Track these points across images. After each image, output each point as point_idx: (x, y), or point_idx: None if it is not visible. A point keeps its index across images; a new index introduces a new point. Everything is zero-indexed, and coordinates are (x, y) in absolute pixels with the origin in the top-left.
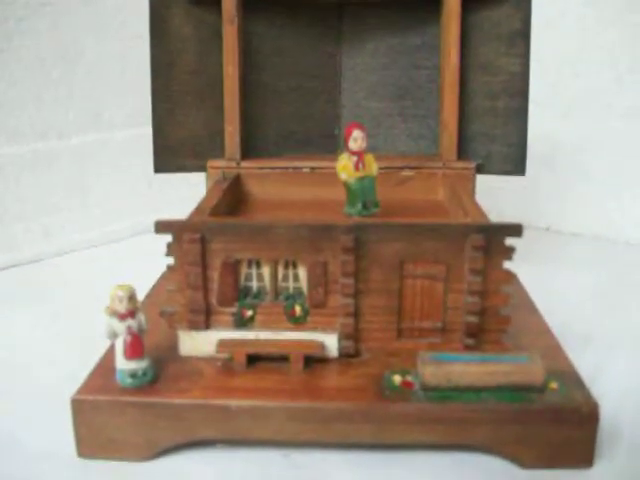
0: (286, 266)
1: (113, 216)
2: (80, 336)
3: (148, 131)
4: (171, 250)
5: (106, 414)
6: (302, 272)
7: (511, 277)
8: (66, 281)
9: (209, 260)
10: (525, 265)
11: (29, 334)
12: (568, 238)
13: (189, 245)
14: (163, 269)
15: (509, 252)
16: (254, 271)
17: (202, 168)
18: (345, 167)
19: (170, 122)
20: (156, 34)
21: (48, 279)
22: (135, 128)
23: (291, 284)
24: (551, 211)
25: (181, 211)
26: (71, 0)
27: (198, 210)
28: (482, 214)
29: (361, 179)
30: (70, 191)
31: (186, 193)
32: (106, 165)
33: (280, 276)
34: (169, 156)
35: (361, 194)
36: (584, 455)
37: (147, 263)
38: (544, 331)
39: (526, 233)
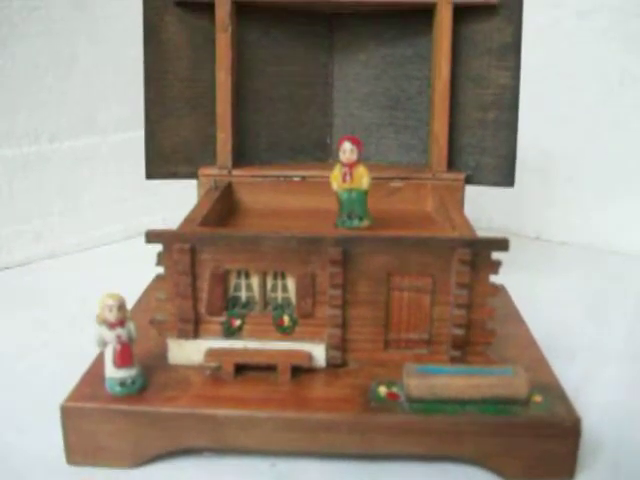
0: (275, 277)
1: (105, 219)
2: (71, 340)
3: (140, 135)
4: (161, 260)
5: (95, 421)
6: (290, 283)
7: (497, 291)
8: (58, 284)
9: (199, 270)
10: (514, 274)
11: (19, 338)
12: (557, 247)
13: (179, 255)
14: (155, 273)
15: (495, 266)
16: (243, 281)
17: (194, 175)
18: (335, 177)
19: (162, 129)
20: (150, 41)
21: (40, 282)
22: (127, 132)
23: (280, 294)
24: (540, 220)
25: (172, 215)
26: (65, 6)
27: (188, 220)
28: (469, 228)
29: (349, 191)
30: (62, 194)
31: (178, 196)
32: (98, 168)
33: (269, 286)
34: (161, 162)
35: (347, 205)
36: (565, 468)
37: (139, 266)
38: (530, 343)
39: (515, 241)
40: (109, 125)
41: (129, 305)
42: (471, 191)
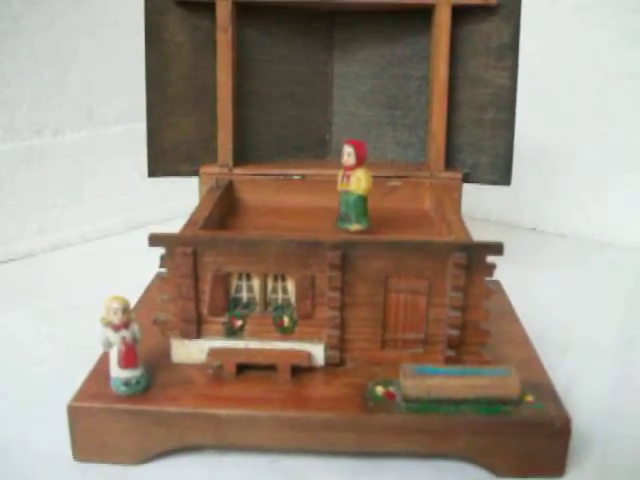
0: (275, 279)
1: (107, 211)
2: (73, 333)
3: (140, 127)
4: (164, 262)
5: (101, 420)
6: (290, 285)
7: (491, 293)
8: (60, 276)
9: (201, 272)
10: (509, 265)
11: (23, 330)
12: (553, 238)
13: (181, 258)
14: (156, 265)
15: (490, 269)
16: (244, 283)
17: (195, 173)
18: (338, 178)
19: (164, 127)
20: (151, 40)
21: (42, 274)
22: (127, 125)
23: (280, 296)
24: (537, 211)
25: (172, 207)
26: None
27: (190, 222)
28: (465, 231)
29: (345, 193)
30: (64, 187)
31: (178, 188)
32: (99, 161)
33: (269, 288)
34: (163, 161)
35: (343, 207)
36: (556, 466)
37: (141, 258)
38: (523, 340)
39: (512, 233)
40: (110, 117)
41: (131, 300)
42: (469, 183)
